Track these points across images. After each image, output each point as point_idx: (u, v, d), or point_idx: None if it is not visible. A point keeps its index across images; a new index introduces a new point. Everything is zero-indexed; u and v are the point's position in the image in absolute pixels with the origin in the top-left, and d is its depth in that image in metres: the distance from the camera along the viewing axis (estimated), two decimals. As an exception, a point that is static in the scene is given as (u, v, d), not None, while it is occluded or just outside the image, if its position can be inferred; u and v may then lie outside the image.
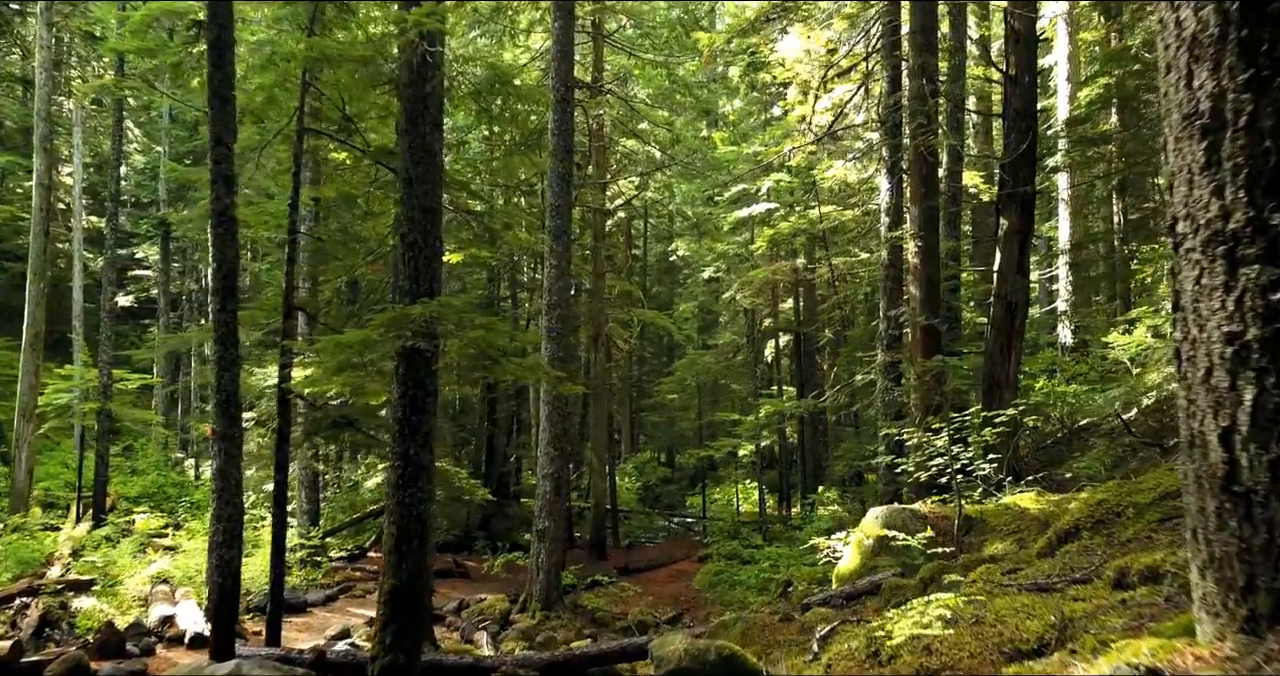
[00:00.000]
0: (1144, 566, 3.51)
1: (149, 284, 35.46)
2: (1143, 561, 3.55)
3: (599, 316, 22.15)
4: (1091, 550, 5.04)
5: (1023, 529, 7.80)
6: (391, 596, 6.75)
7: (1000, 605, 3.78)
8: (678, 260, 37.84)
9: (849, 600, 7.87)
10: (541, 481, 14.55)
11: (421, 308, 6.55)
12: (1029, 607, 3.57)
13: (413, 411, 6.96)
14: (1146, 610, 3.02)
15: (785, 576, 15.76)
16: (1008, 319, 12.36)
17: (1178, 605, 2.91)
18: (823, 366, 28.07)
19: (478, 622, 13.50)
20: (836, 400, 14.27)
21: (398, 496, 6.89)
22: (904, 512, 8.60)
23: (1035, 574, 4.68)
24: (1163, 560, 3.45)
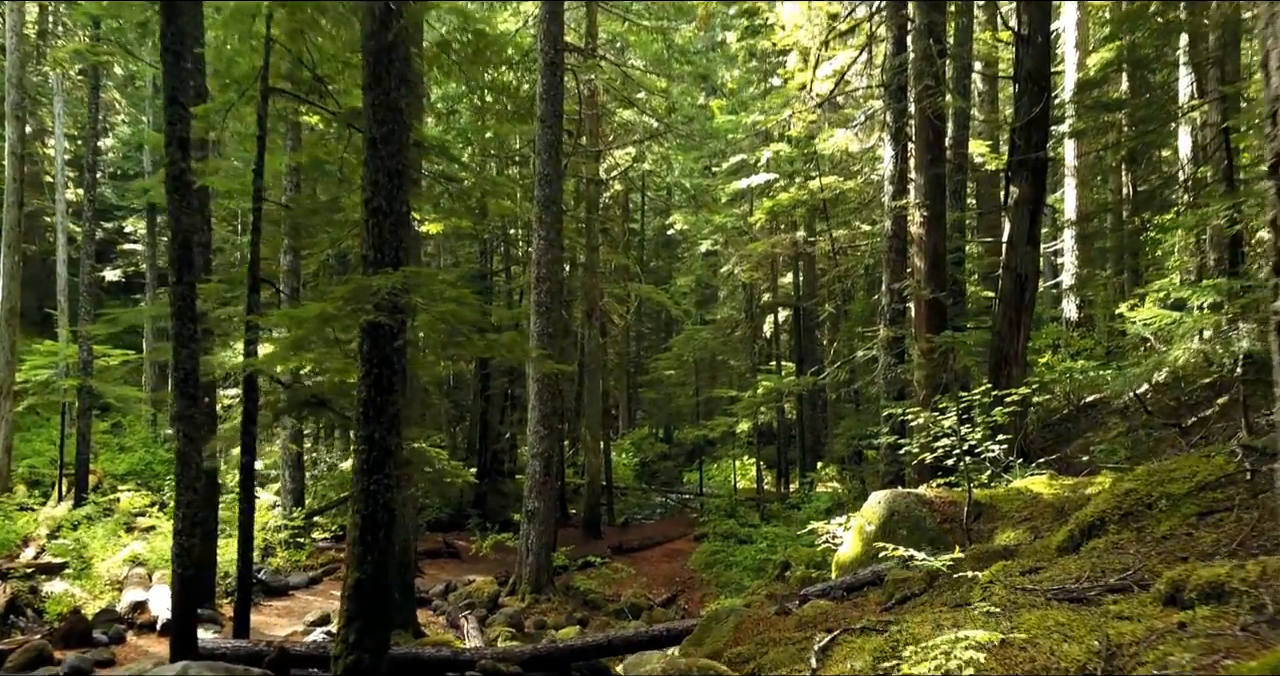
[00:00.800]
0: (1204, 581, 2.99)
1: (138, 258, 34.79)
2: (1202, 574, 3.03)
3: (593, 291, 21.57)
4: (1122, 548, 4.52)
5: (1035, 516, 7.29)
6: (355, 591, 6.25)
7: (1029, 621, 3.26)
8: (676, 234, 37.17)
9: (850, 591, 7.38)
10: (532, 460, 14.06)
11: (384, 278, 5.99)
12: (1064, 626, 3.05)
13: (378, 391, 6.42)
14: (1218, 641, 2.51)
15: (782, 557, 15.31)
16: (1017, 292, 11.80)
17: (1258, 636, 2.40)
18: (822, 342, 27.52)
19: (465, 606, 13.06)
20: (836, 377, 13.75)
21: (363, 483, 6.37)
22: (908, 498, 8.09)
23: (1061, 576, 4.16)
24: (1228, 575, 2.93)
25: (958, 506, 7.95)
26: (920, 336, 12.16)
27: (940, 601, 5.47)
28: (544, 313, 13.97)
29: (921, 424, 8.61)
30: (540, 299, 14.03)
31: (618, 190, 30.58)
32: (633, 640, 7.78)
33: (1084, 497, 7.23)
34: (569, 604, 14.01)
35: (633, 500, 28.60)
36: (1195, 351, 7.16)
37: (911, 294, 12.17)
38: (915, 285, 12.13)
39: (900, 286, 12.38)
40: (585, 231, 21.95)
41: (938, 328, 12.11)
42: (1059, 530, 5.94)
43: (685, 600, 15.64)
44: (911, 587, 6.49)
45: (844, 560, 8.41)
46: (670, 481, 31.47)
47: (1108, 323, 23.24)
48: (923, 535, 7.77)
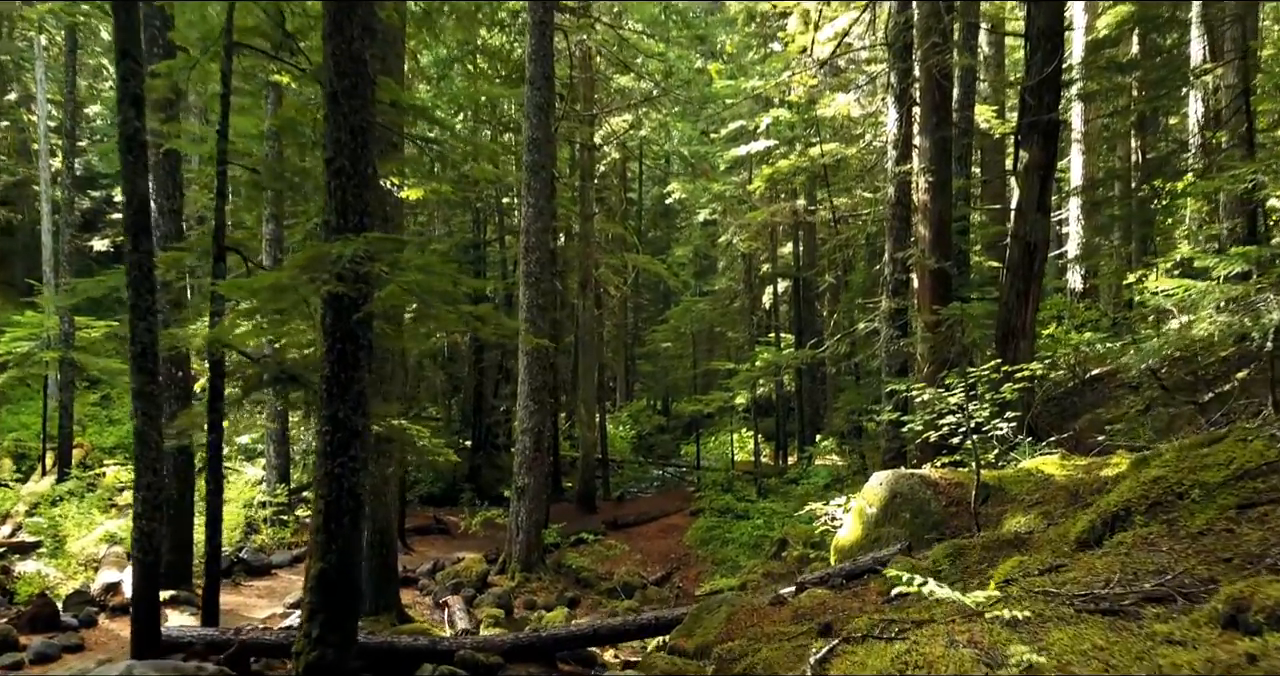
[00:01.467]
0: (1274, 601, 2.53)
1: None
2: (1270, 593, 2.57)
3: (588, 261, 21.05)
4: (1153, 545, 4.06)
5: (1047, 499, 6.85)
6: (319, 582, 5.81)
7: (1059, 641, 2.81)
8: (674, 203, 36.53)
9: (850, 579, 6.96)
10: (521, 436, 13.63)
11: (342, 245, 5.48)
12: (1104, 651, 2.60)
13: (342, 367, 5.94)
14: (1307, 688, 2.08)
15: (780, 534, 14.94)
16: (1026, 262, 11.29)
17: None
18: (822, 313, 27.04)
19: (452, 586, 12.69)
20: (836, 350, 13.29)
21: (327, 467, 5.91)
22: (912, 479, 7.65)
23: (1088, 578, 3.70)
24: (1308, 597, 2.48)
25: (964, 488, 7.51)
26: (924, 308, 11.68)
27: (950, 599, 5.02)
28: (533, 283, 13.46)
29: (926, 400, 8.14)
30: (530, 269, 13.52)
31: (615, 159, 29.93)
32: (620, 629, 7.38)
33: (1099, 480, 6.79)
34: (560, 582, 13.65)
35: (629, 473, 28.26)
36: (1221, 324, 6.70)
37: (915, 264, 11.67)
38: (919, 254, 11.62)
39: (903, 256, 11.86)
40: (579, 200, 21.38)
41: (942, 299, 11.63)
42: (1078, 518, 5.49)
43: (680, 577, 15.29)
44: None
45: (843, 544, 7.99)
46: (667, 454, 31.15)
47: (1114, 293, 22.77)
48: (926, 519, 7.35)
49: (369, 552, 10.48)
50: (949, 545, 6.13)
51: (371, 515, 10.51)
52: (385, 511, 10.56)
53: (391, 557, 10.62)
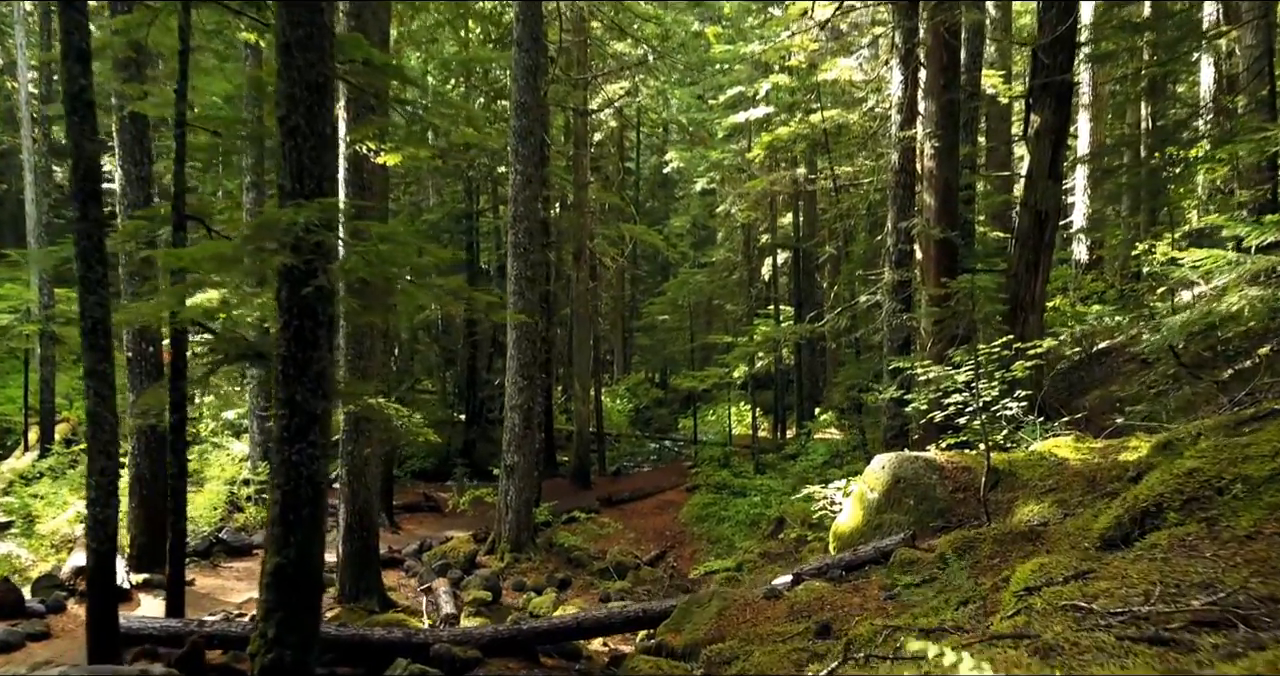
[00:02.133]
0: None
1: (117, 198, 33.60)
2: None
3: (582, 231, 20.49)
4: (1193, 549, 3.60)
5: (1062, 486, 6.40)
6: (275, 578, 5.36)
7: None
8: (673, 173, 35.86)
9: (849, 570, 6.52)
10: (510, 413, 13.18)
11: (294, 212, 4.97)
12: (1160, 702, 2.17)
13: (299, 346, 5.45)
14: None
15: (777, 513, 14.56)
16: (1036, 231, 10.77)
17: None
18: (822, 284, 26.52)
19: (439, 567, 12.30)
20: (836, 324, 12.80)
21: (283, 453, 5.44)
22: (916, 462, 7.19)
23: (1124, 591, 3.24)
24: None
25: (972, 473, 7.07)
26: (929, 280, 11.18)
27: (958, 599, 4.58)
28: (522, 254, 12.94)
29: (932, 378, 7.67)
30: (518, 239, 12.99)
31: (612, 127, 29.24)
32: (605, 622, 6.97)
33: (1118, 466, 6.34)
34: (551, 562, 13.27)
35: (625, 448, 27.90)
36: (1253, 298, 6.22)
37: (920, 233, 11.15)
38: (924, 224, 11.09)
39: (907, 225, 11.34)
40: (573, 168, 20.77)
41: (948, 270, 11.13)
42: (1101, 511, 5.04)
43: (674, 557, 14.92)
44: (920, 572, 5.62)
45: (843, 531, 7.55)
46: (665, 428, 30.77)
47: (1121, 265, 22.22)
48: (931, 506, 6.90)
49: (347, 535, 10.09)
50: (957, 536, 5.68)
51: (351, 496, 10.11)
52: (366, 492, 10.14)
53: (372, 540, 10.21)
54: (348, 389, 8.35)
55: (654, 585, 13.01)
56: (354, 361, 10.00)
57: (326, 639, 7.03)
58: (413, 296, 6.10)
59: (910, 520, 6.89)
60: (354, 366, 9.99)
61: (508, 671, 6.83)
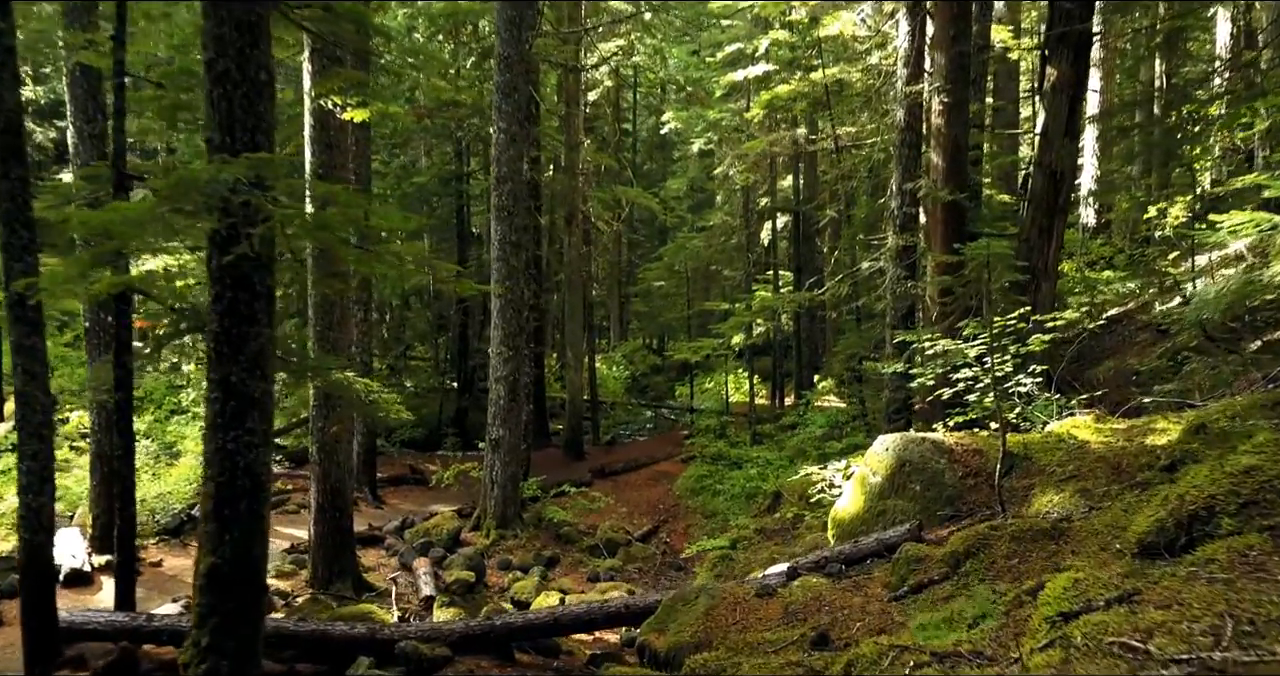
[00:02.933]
0: None
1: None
2: None
3: (574, 194, 19.76)
4: (1261, 568, 3.03)
5: (1085, 473, 5.82)
6: (210, 579, 4.80)
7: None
8: (671, 134, 34.96)
9: (849, 564, 5.97)
10: (495, 385, 12.61)
11: (218, 169, 4.33)
12: None
13: (233, 321, 4.84)
14: None
15: (774, 486, 14.06)
16: (1050, 193, 10.12)
17: None
18: (822, 249, 25.82)
19: (421, 545, 11.80)
20: (837, 292, 12.18)
21: (217, 441, 4.85)
22: (923, 445, 6.62)
23: (1184, 624, 2.66)
24: None
25: (983, 456, 6.49)
26: (935, 245, 10.54)
27: (973, 612, 4.02)
28: (506, 217, 12.27)
29: (940, 351, 7.06)
30: (502, 202, 12.31)
31: (608, 86, 28.34)
32: (585, 617, 6.43)
33: (1146, 451, 5.76)
34: (538, 539, 12.78)
35: (621, 416, 27.40)
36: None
37: (926, 196, 10.48)
38: (930, 185, 10.42)
39: (913, 187, 10.66)
40: (564, 127, 19.99)
41: (956, 235, 10.48)
42: (1135, 507, 4.47)
43: (667, 532, 14.44)
44: (929, 572, 5.07)
45: (843, 517, 7.00)
46: (661, 396, 30.26)
47: (1131, 228, 21.54)
48: (939, 493, 6.34)
49: (319, 516, 9.57)
50: (969, 533, 5.12)
51: (323, 474, 9.56)
52: (338, 470, 9.58)
53: (345, 520, 9.68)
54: (315, 363, 7.75)
55: (645, 563, 12.54)
56: (323, 333, 9.40)
57: (284, 634, 6.52)
58: (367, 265, 5.48)
59: (916, 508, 6.34)
60: (323, 338, 9.39)
61: (479, 670, 6.32)
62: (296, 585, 9.60)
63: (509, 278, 12.32)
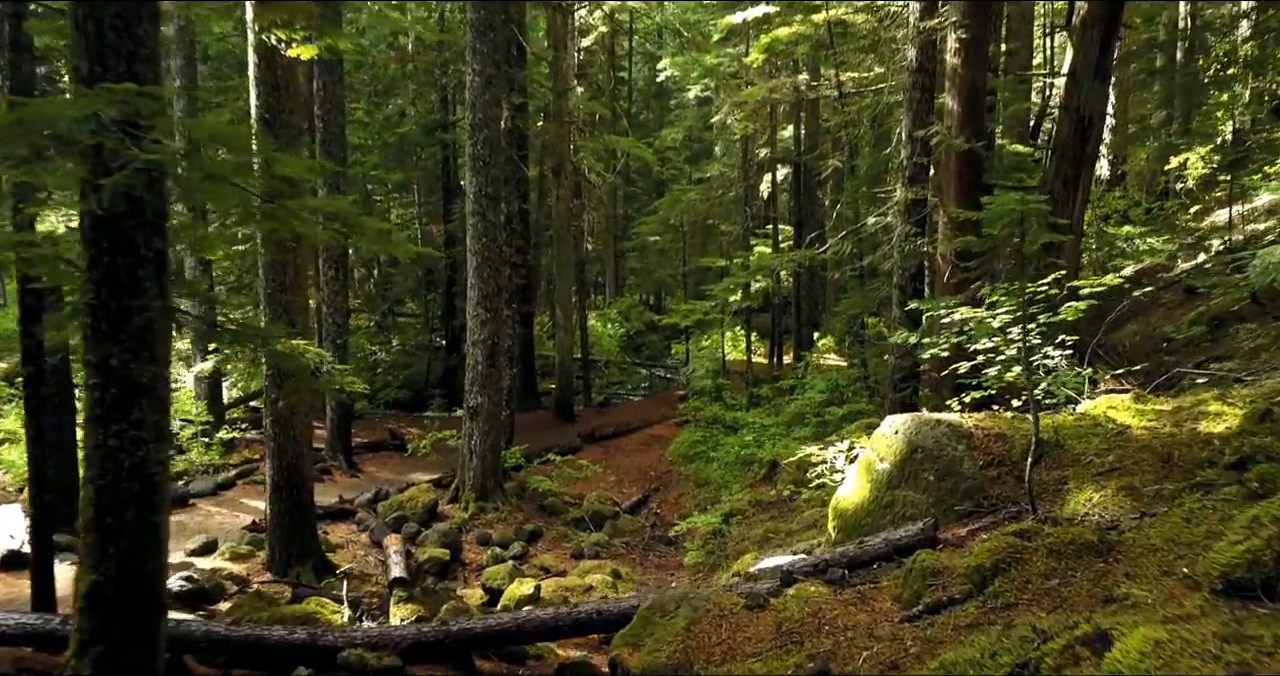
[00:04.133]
0: None
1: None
2: None
3: (562, 144, 18.72)
4: None
5: (1128, 465, 5.01)
6: (93, 601, 4.02)
7: None
8: (668, 82, 33.65)
9: (853, 568, 5.20)
10: (472, 349, 11.78)
11: (76, 103, 3.45)
12: None
13: (112, 292, 3.99)
14: None
15: (770, 454, 13.32)
16: (1077, 140, 9.19)
17: None
18: (824, 202, 24.83)
19: (394, 520, 11.09)
20: (840, 249, 11.28)
21: (96, 436, 4.04)
22: (938, 428, 5.80)
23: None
24: None
25: (1007, 442, 5.68)
26: (949, 198, 9.62)
27: (1010, 657, 3.23)
28: (482, 168, 11.33)
29: (958, 319, 6.21)
30: (477, 151, 11.36)
31: (603, 32, 27.04)
32: (552, 624, 5.67)
33: (1199, 440, 4.95)
34: (520, 512, 12.07)
35: (615, 375, 26.65)
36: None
37: (940, 144, 9.53)
38: (945, 132, 9.47)
39: (925, 134, 9.70)
40: (551, 73, 18.87)
41: (972, 187, 9.56)
42: (1202, 524, 3.66)
43: (658, 502, 13.74)
44: (949, 588, 4.29)
45: (845, 507, 6.21)
46: (657, 355, 29.46)
47: (1148, 180, 20.53)
48: (956, 484, 5.54)
49: (275, 494, 8.82)
50: (998, 543, 4.32)
51: (278, 450, 8.79)
52: (294, 445, 8.80)
53: (305, 497, 8.93)
54: (259, 330, 6.91)
55: (633, 536, 11.85)
56: (274, 295, 8.54)
57: (215, 638, 5.79)
58: (274, 223, 4.59)
59: (930, 501, 5.56)
60: (274, 301, 8.54)
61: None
62: (253, 568, 8.88)
63: (486, 234, 11.42)
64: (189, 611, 7.33)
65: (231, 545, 9.32)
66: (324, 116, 13.29)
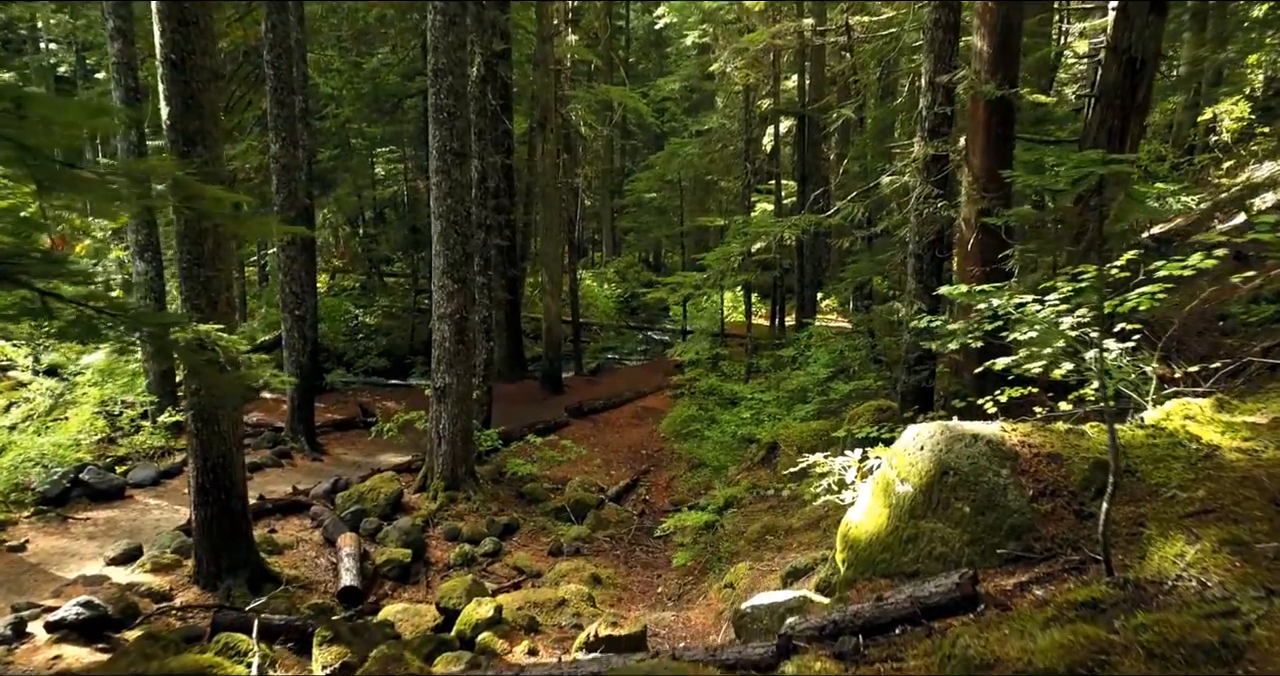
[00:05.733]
0: None
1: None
2: None
3: (546, 94, 17.33)
4: None
5: (1226, 504, 3.85)
6: None
7: None
8: (668, 31, 31.96)
9: (868, 633, 4.07)
10: (438, 324, 10.62)
11: None
12: None
13: None
14: None
15: (770, 434, 12.23)
16: (1126, 86, 7.90)
17: None
18: (828, 156, 23.40)
19: (353, 514, 10.03)
20: (850, 212, 9.98)
21: None
22: (974, 445, 4.65)
23: None
24: None
25: (1062, 465, 4.52)
26: (976, 154, 8.36)
27: None
28: (445, 121, 10.04)
29: (999, 307, 5.01)
30: (440, 100, 10.06)
31: (596, -24, 25.42)
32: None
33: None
34: (495, 502, 11.01)
35: (610, 339, 25.51)
36: None
37: (967, 91, 8.23)
38: (973, 77, 8.16)
39: (950, 79, 8.39)
40: (537, 15, 17.41)
41: (1003, 142, 8.31)
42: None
43: (648, 486, 12.69)
44: None
45: (859, 536, 5.08)
46: (655, 318, 28.28)
47: (1176, 133, 19.11)
48: (1000, 519, 4.40)
49: (200, 498, 7.71)
50: (1070, 637, 3.18)
51: (201, 448, 7.67)
52: (221, 442, 7.67)
53: (235, 501, 7.83)
54: (145, 318, 5.73)
55: (619, 528, 10.82)
56: (190, 270, 7.34)
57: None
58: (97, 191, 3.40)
59: (964, 539, 4.43)
60: (190, 277, 7.34)
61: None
62: (178, 581, 7.80)
63: (451, 194, 10.18)
64: (87, 645, 6.28)
65: (155, 554, 8.23)
66: (273, 61, 11.95)
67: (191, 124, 7.20)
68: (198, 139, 7.23)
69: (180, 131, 7.19)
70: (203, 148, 7.26)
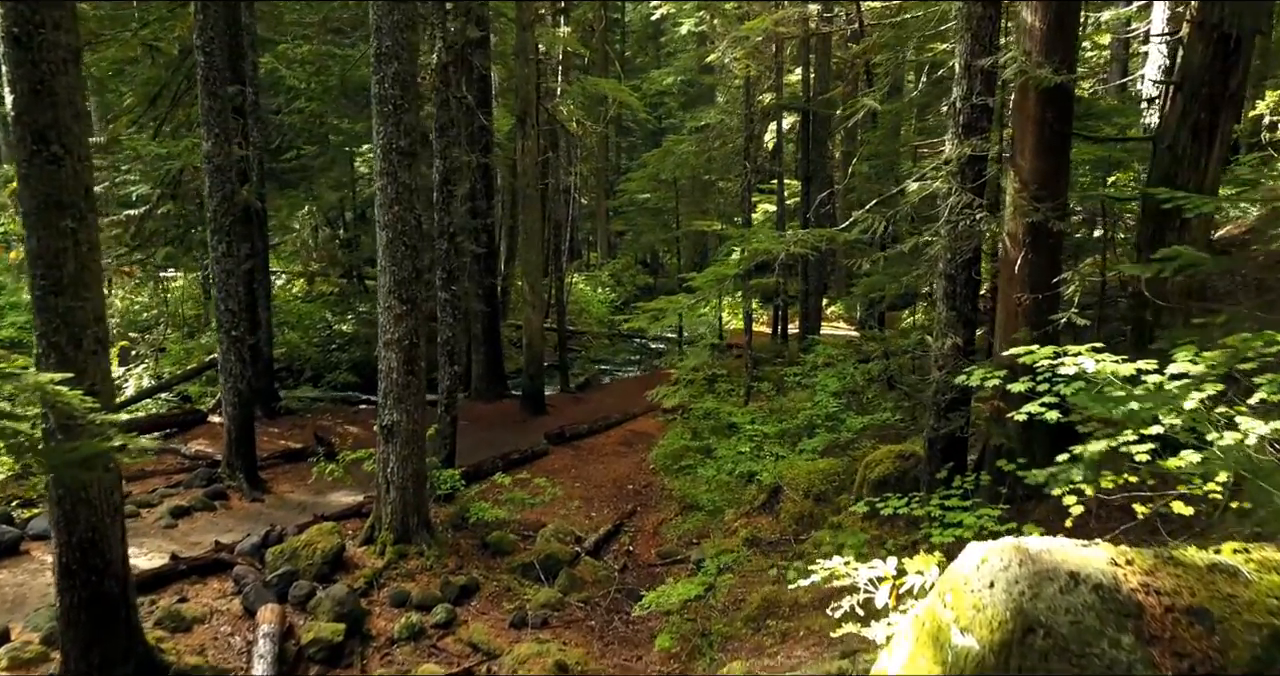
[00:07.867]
0: None
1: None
2: None
3: (528, 87, 15.82)
4: None
5: None
6: None
7: None
8: (667, 21, 30.43)
9: None
10: (384, 352, 9.11)
11: None
12: None
13: None
14: None
15: (771, 476, 10.75)
16: (1218, 71, 6.40)
17: None
18: (834, 155, 21.85)
19: (282, 576, 8.53)
20: (871, 225, 8.41)
21: None
22: (1073, 590, 3.15)
23: None
24: None
25: (1211, 631, 3.00)
26: (1024, 155, 6.85)
27: None
28: (390, 114, 8.54)
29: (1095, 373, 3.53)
30: (385, 91, 8.56)
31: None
32: None
33: None
34: (453, 557, 9.49)
35: (601, 351, 24.02)
36: None
37: (1017, 75, 6.70)
38: (1023, 59, 6.63)
39: (991, 63, 6.88)
40: (517, 3, 15.89)
41: (1058, 140, 6.79)
42: None
43: (633, 533, 11.20)
44: None
45: (895, 706, 3.57)
46: (648, 326, 26.72)
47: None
48: (1124, 719, 2.88)
49: (66, 582, 6.22)
50: None
51: (65, 520, 6.17)
52: (91, 512, 6.18)
53: (110, 582, 6.35)
54: None
55: (596, 590, 9.32)
56: (45, 300, 5.85)
57: None
58: None
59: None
60: (46, 308, 5.84)
61: None
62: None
63: (398, 201, 8.68)
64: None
65: (16, 648, 6.73)
66: (204, 46, 10.44)
67: (43, 116, 5.72)
68: (51, 134, 5.74)
69: (28, 126, 5.70)
70: (59, 145, 5.77)
